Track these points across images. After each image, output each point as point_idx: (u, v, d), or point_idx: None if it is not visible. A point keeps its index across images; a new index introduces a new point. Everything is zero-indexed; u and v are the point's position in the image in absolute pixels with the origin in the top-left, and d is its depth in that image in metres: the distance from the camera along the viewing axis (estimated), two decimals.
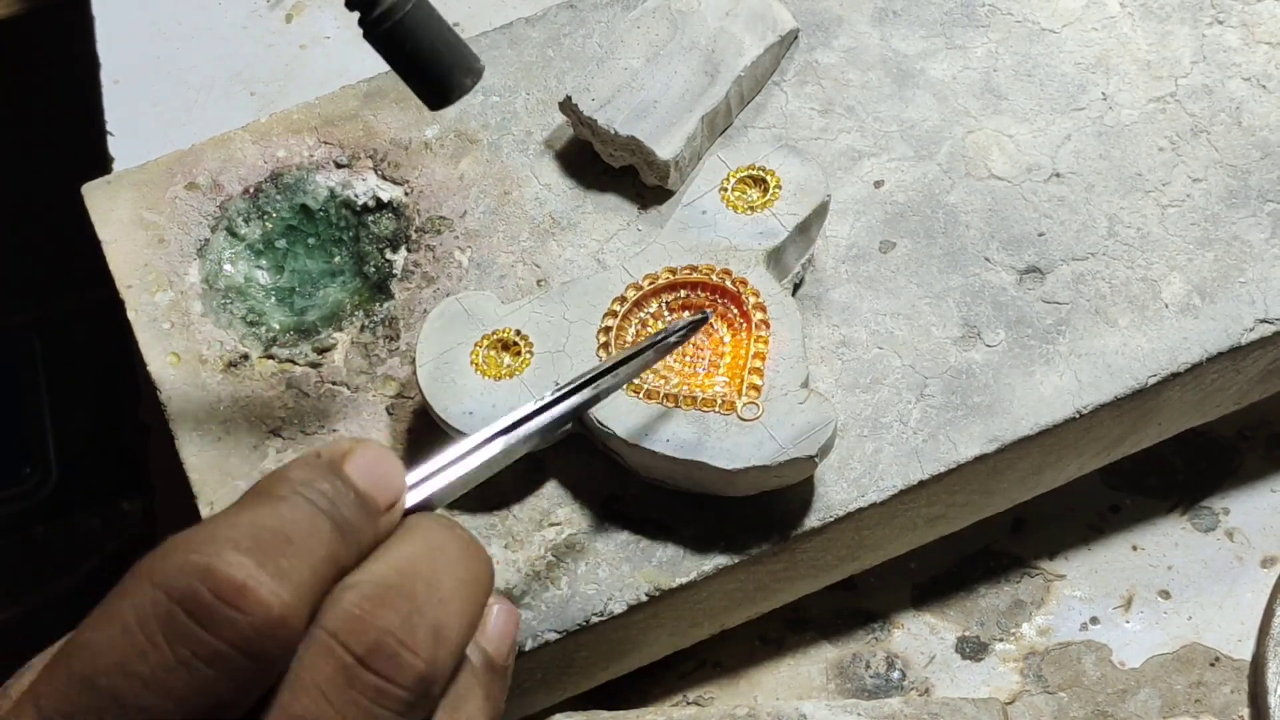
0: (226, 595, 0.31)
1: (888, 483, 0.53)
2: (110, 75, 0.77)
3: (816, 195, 0.56)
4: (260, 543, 0.32)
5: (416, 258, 0.60)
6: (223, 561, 0.31)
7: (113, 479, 1.04)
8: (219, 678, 0.31)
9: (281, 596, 0.31)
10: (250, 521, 0.32)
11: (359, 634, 0.32)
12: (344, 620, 0.32)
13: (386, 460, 0.36)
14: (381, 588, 0.33)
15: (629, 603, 0.52)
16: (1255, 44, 0.62)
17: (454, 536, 0.36)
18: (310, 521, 0.33)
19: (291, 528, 0.33)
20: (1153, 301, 0.56)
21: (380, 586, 0.33)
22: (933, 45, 0.63)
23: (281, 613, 0.31)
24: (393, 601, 0.33)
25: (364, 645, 0.32)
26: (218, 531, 0.32)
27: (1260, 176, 0.59)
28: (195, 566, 0.31)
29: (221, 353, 0.58)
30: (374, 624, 0.33)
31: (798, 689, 0.58)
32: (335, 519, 0.33)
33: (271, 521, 0.32)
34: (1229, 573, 0.60)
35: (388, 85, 0.64)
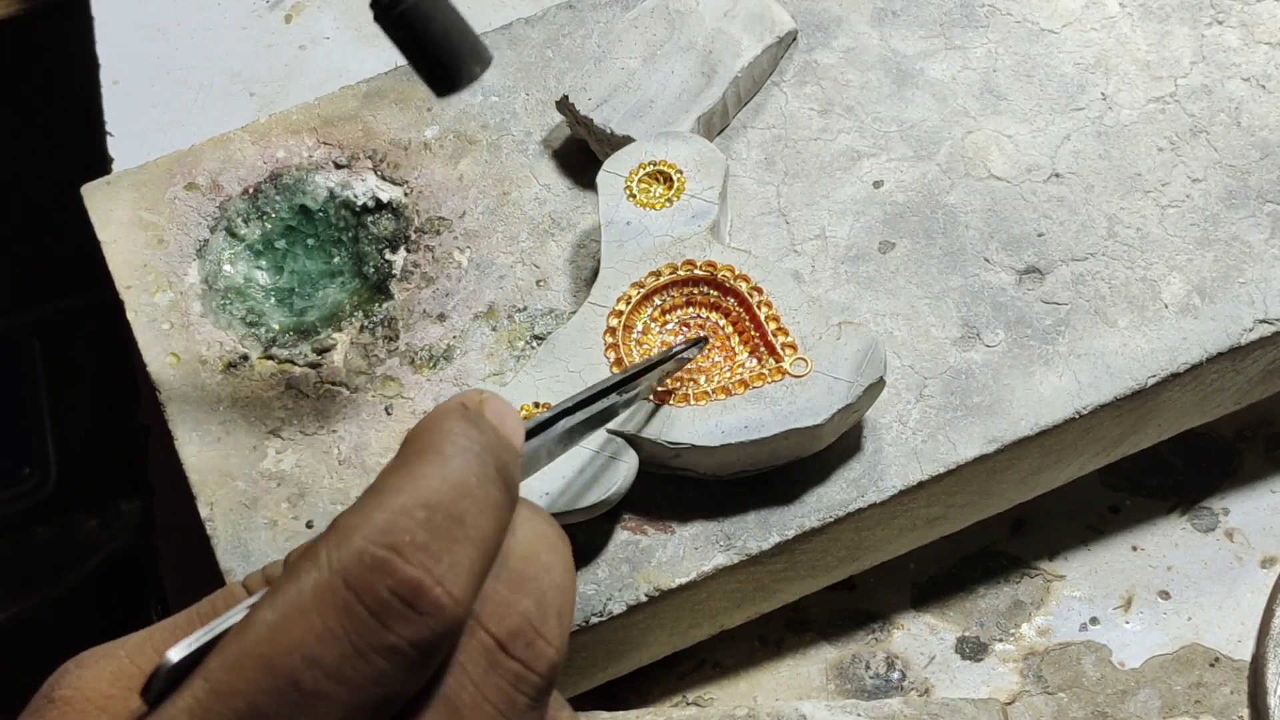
0: (405, 594, 0.31)
1: (887, 483, 0.53)
2: (110, 76, 0.77)
3: (719, 163, 0.57)
4: (435, 531, 0.32)
5: (416, 258, 0.60)
6: (402, 558, 0.31)
7: (112, 479, 1.04)
8: (392, 670, 0.31)
9: (454, 595, 0.31)
10: (424, 502, 0.32)
11: (500, 618, 0.33)
12: (485, 603, 0.33)
13: (514, 413, 0.36)
14: (513, 571, 0.34)
15: (628, 603, 0.52)
16: (1255, 44, 0.62)
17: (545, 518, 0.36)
18: (480, 489, 0.33)
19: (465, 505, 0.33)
20: (1152, 302, 0.56)
21: (512, 570, 0.34)
22: (932, 45, 0.63)
23: (454, 611, 0.31)
24: (526, 585, 0.33)
25: (505, 630, 0.33)
26: (394, 520, 0.32)
27: (1260, 177, 0.59)
28: (375, 559, 0.31)
29: (221, 353, 0.58)
30: (514, 608, 0.33)
31: (797, 689, 0.58)
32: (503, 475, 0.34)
33: (444, 498, 0.32)
34: (1229, 573, 0.60)
35: (387, 86, 0.64)
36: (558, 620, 0.34)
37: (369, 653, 0.31)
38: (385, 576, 0.31)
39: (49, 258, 1.07)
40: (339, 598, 0.31)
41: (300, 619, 0.31)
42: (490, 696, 0.32)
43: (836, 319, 0.54)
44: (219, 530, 0.54)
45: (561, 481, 0.50)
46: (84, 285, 0.84)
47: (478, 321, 0.58)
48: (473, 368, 0.57)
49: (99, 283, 0.62)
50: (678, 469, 0.53)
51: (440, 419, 0.34)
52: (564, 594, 0.34)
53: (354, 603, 0.31)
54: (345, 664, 0.31)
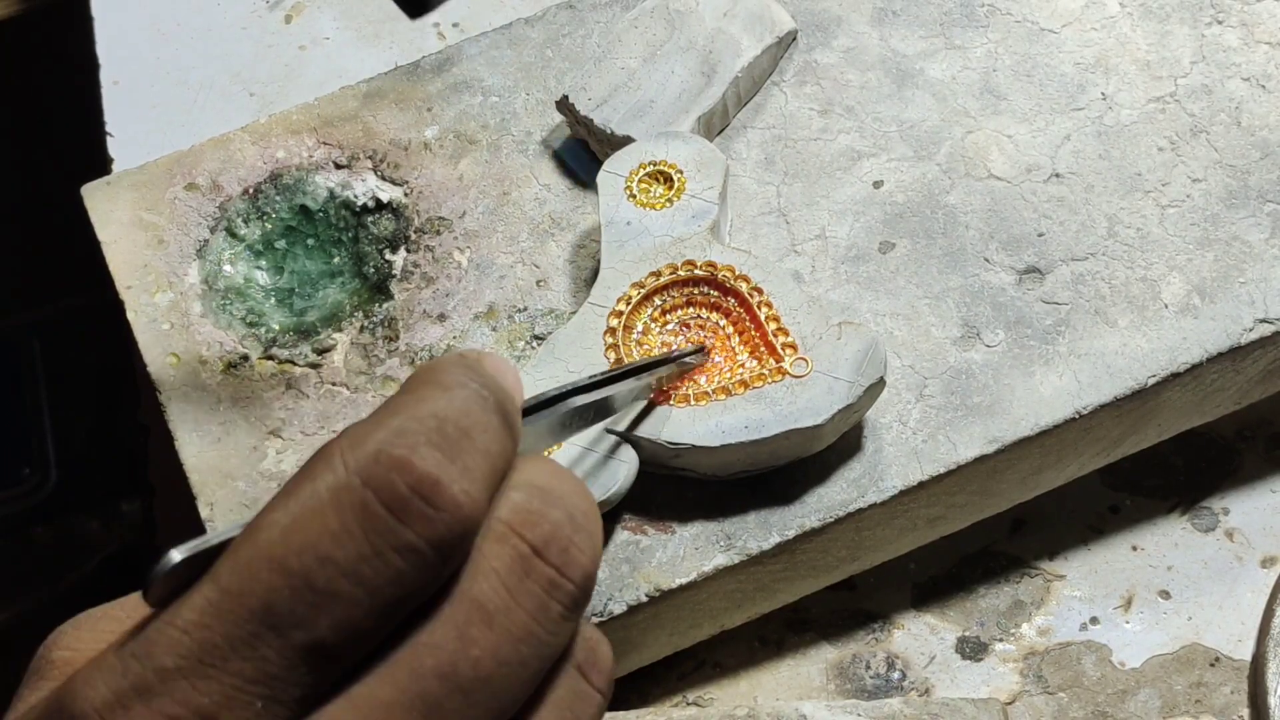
0: (424, 490, 0.31)
1: (887, 483, 0.53)
2: (110, 76, 0.77)
3: (719, 163, 0.56)
4: (447, 438, 0.32)
5: (416, 258, 0.60)
6: (418, 456, 0.31)
7: (112, 480, 1.04)
8: (409, 569, 0.31)
9: (471, 494, 0.31)
10: (432, 414, 0.32)
11: (534, 526, 0.33)
12: (517, 512, 0.33)
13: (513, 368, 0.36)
14: (540, 489, 0.33)
15: (629, 603, 0.52)
16: (1255, 44, 0.62)
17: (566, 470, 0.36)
18: (483, 415, 0.33)
19: (469, 421, 0.33)
20: (1152, 302, 0.56)
21: (539, 488, 0.33)
22: (932, 45, 0.63)
23: (471, 510, 0.31)
24: (555, 501, 0.33)
25: (539, 537, 0.33)
26: (406, 424, 0.32)
27: (1260, 177, 0.59)
28: (391, 458, 0.31)
29: (221, 353, 0.58)
30: (547, 517, 0.33)
31: (798, 689, 0.58)
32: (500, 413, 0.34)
33: (451, 414, 0.32)
34: (1229, 573, 0.60)
35: (387, 86, 0.64)
36: (590, 538, 0.34)
37: (386, 551, 0.30)
38: (404, 473, 0.31)
39: (49, 258, 1.07)
40: (356, 496, 0.31)
41: (315, 518, 0.30)
42: (524, 602, 0.32)
43: (837, 319, 0.54)
44: (219, 530, 0.54)
45: None
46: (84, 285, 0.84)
47: (478, 322, 0.58)
48: None
49: (99, 283, 0.62)
50: (678, 469, 0.53)
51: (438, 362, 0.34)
52: (592, 520, 0.34)
53: (372, 501, 0.30)
54: (362, 562, 0.30)
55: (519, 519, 0.33)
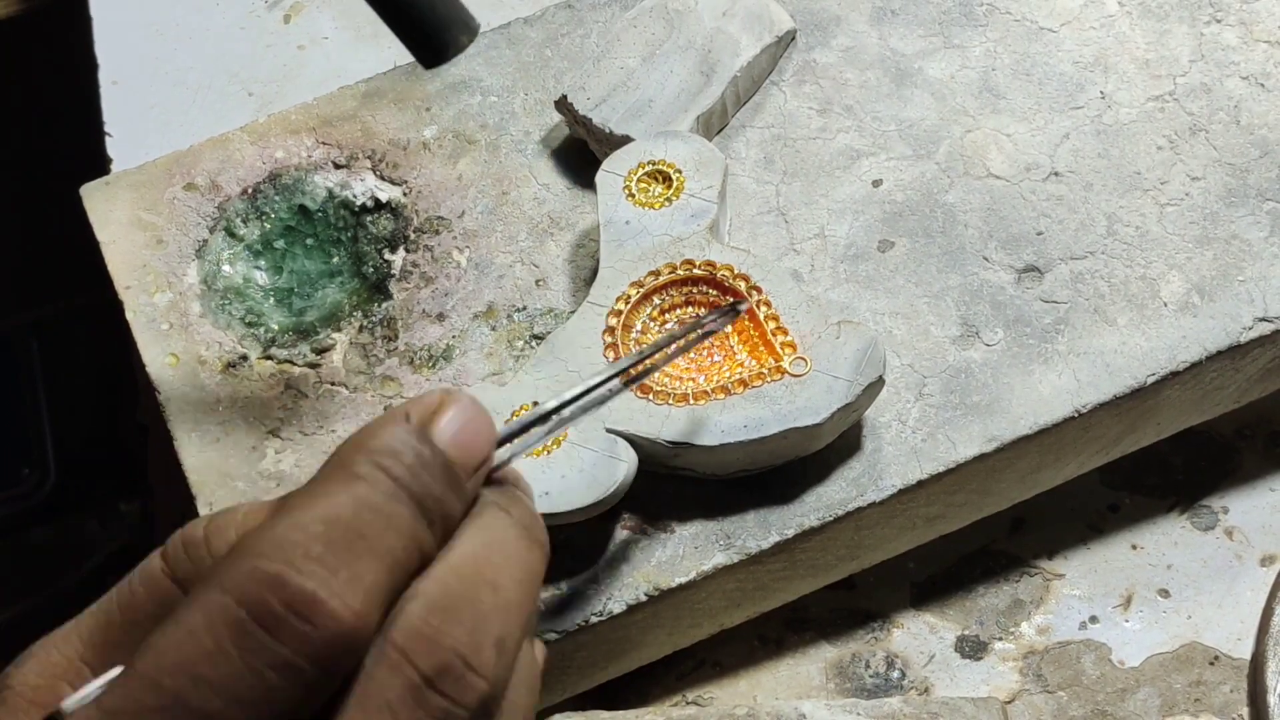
0: (298, 607, 0.30)
1: (887, 482, 0.53)
2: (108, 76, 0.77)
3: (718, 163, 0.57)
4: (332, 544, 0.31)
5: (415, 258, 0.60)
6: (294, 570, 0.30)
7: (111, 480, 1.04)
8: (287, 686, 0.30)
9: (353, 607, 0.31)
10: (323, 517, 0.32)
11: (427, 653, 0.32)
12: (411, 637, 0.32)
13: (477, 417, 0.35)
14: (446, 597, 0.33)
15: (628, 603, 0.52)
16: (1254, 42, 0.62)
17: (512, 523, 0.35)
18: (388, 508, 0.32)
19: (367, 520, 0.32)
20: (1152, 300, 0.56)
21: (444, 596, 0.33)
22: (931, 44, 0.63)
23: (353, 624, 0.31)
24: (458, 614, 0.32)
25: (433, 665, 0.32)
26: (289, 534, 0.31)
27: (1259, 175, 0.59)
28: (266, 575, 0.31)
29: (220, 353, 0.58)
30: (442, 643, 0.32)
31: (797, 689, 0.58)
32: (418, 498, 0.33)
33: (346, 512, 0.32)
34: (1228, 571, 0.60)
35: (386, 86, 0.64)
36: (496, 648, 0.33)
37: (261, 669, 0.30)
38: (277, 590, 0.30)
39: (48, 258, 1.07)
40: (230, 615, 0.30)
41: (189, 639, 0.30)
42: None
43: (836, 318, 0.54)
44: None
45: (560, 480, 0.50)
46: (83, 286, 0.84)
47: (477, 321, 0.58)
48: (472, 367, 0.57)
49: (98, 283, 0.62)
50: (677, 468, 0.53)
51: (367, 435, 0.34)
52: (508, 614, 0.33)
53: (245, 620, 0.30)
54: (237, 681, 0.30)
55: (414, 644, 0.32)
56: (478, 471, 0.35)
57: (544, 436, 0.40)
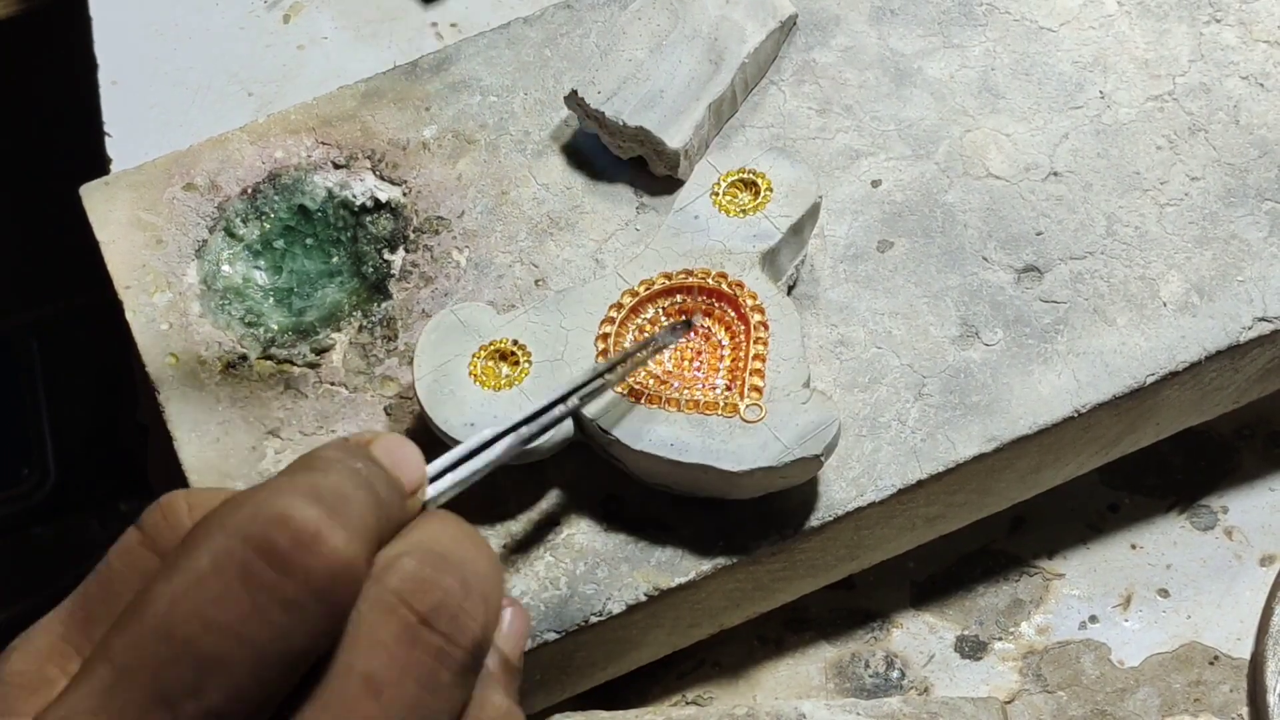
0: (303, 540, 0.31)
1: (886, 482, 0.53)
2: (108, 76, 0.77)
3: (808, 197, 0.56)
4: (323, 498, 0.32)
5: (414, 258, 0.60)
6: (296, 509, 0.31)
7: (111, 480, 1.04)
8: (294, 626, 0.31)
9: (353, 544, 0.32)
10: (308, 481, 0.33)
11: (422, 594, 0.33)
12: (406, 580, 0.33)
13: (408, 448, 0.37)
14: (434, 555, 0.34)
15: (628, 603, 0.52)
16: (1253, 42, 0.62)
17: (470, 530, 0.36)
18: (355, 487, 0.34)
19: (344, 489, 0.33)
20: (1151, 300, 0.56)
21: (432, 554, 0.34)
22: (930, 44, 0.63)
23: (352, 559, 0.32)
24: (448, 567, 0.34)
25: (427, 605, 0.33)
26: (281, 486, 0.32)
27: (1258, 175, 0.59)
28: (270, 515, 0.31)
29: (220, 353, 0.58)
30: (437, 584, 0.33)
31: (797, 688, 0.58)
32: (373, 492, 0.34)
33: (327, 483, 0.33)
34: (1228, 571, 0.60)
35: (385, 86, 0.64)
36: (483, 602, 0.34)
37: (270, 606, 0.31)
38: (282, 527, 0.31)
39: (47, 258, 1.07)
40: (236, 556, 0.31)
41: (198, 585, 0.31)
42: (412, 671, 0.32)
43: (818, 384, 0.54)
44: None
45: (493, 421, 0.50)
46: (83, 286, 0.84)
47: None
48: None
49: (98, 283, 0.62)
50: (612, 457, 0.53)
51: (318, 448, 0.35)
52: (488, 582, 0.34)
53: (252, 558, 0.31)
54: (247, 622, 0.30)
55: (408, 587, 0.33)
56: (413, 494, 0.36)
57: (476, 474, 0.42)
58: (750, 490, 0.51)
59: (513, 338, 0.54)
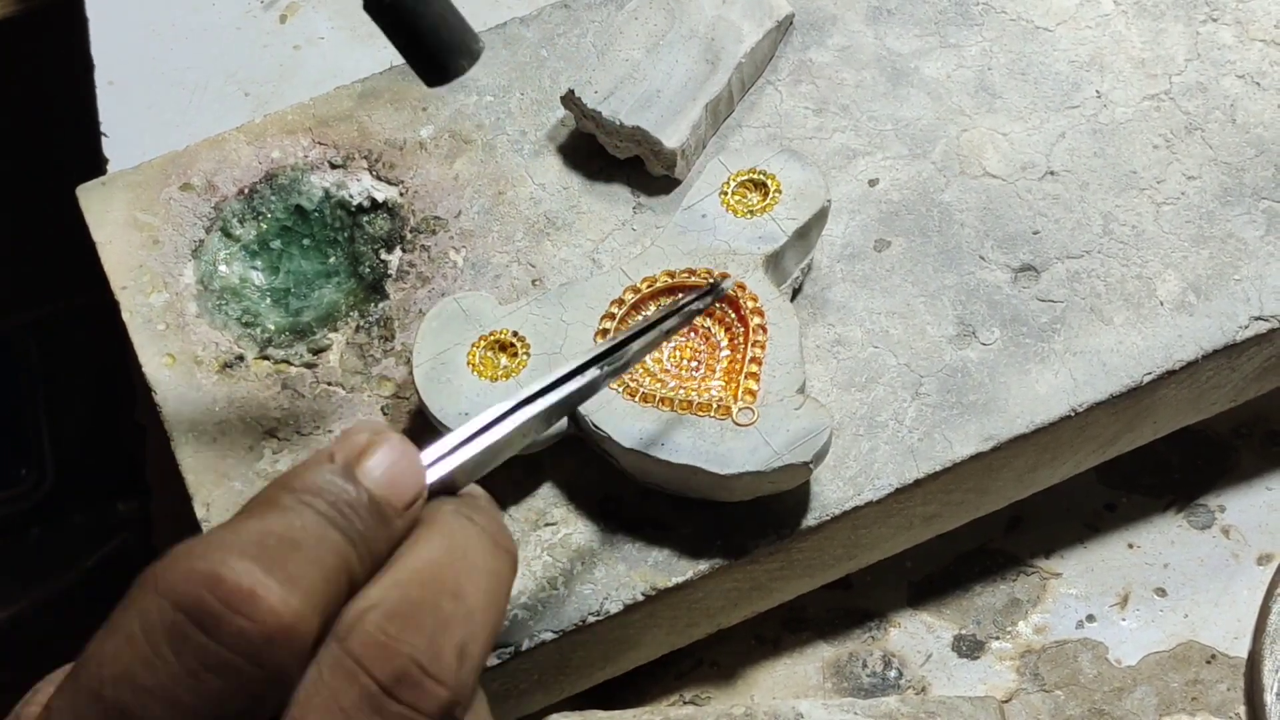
0: (234, 602, 0.30)
1: (883, 482, 0.53)
2: (104, 76, 0.77)
3: (816, 200, 0.56)
4: (266, 549, 0.31)
5: (411, 258, 0.60)
6: (228, 568, 0.30)
7: (108, 480, 1.04)
8: (228, 688, 0.30)
9: (290, 603, 0.30)
10: (256, 529, 0.31)
11: (384, 660, 0.31)
12: (367, 645, 0.31)
13: (405, 457, 0.34)
14: (404, 604, 0.32)
15: (625, 603, 0.52)
16: (1249, 41, 0.62)
17: (477, 531, 0.34)
18: (318, 529, 0.32)
19: (299, 534, 0.31)
20: (1148, 299, 0.56)
21: (403, 603, 0.32)
22: (927, 44, 0.63)
23: (291, 620, 0.30)
24: (417, 621, 0.32)
25: (389, 673, 0.31)
26: (223, 539, 0.31)
27: (1255, 174, 0.59)
28: (201, 573, 0.30)
29: (217, 354, 0.58)
30: (399, 650, 0.31)
31: (794, 688, 0.58)
32: (346, 531, 0.32)
33: (278, 528, 0.31)
34: (1225, 570, 0.60)
35: (382, 86, 0.64)
36: (458, 655, 0.32)
37: (200, 671, 0.29)
38: (213, 586, 0.30)
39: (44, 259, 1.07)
40: (166, 618, 0.30)
41: (126, 646, 0.30)
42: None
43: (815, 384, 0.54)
44: None
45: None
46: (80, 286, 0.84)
47: None
48: None
49: (95, 283, 0.62)
50: (605, 454, 0.53)
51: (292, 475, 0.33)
52: (472, 621, 0.33)
53: (183, 622, 0.30)
54: (175, 685, 0.29)
55: (369, 653, 0.31)
56: (408, 510, 0.34)
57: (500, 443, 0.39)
58: (739, 494, 0.51)
59: (513, 329, 0.54)
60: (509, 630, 0.51)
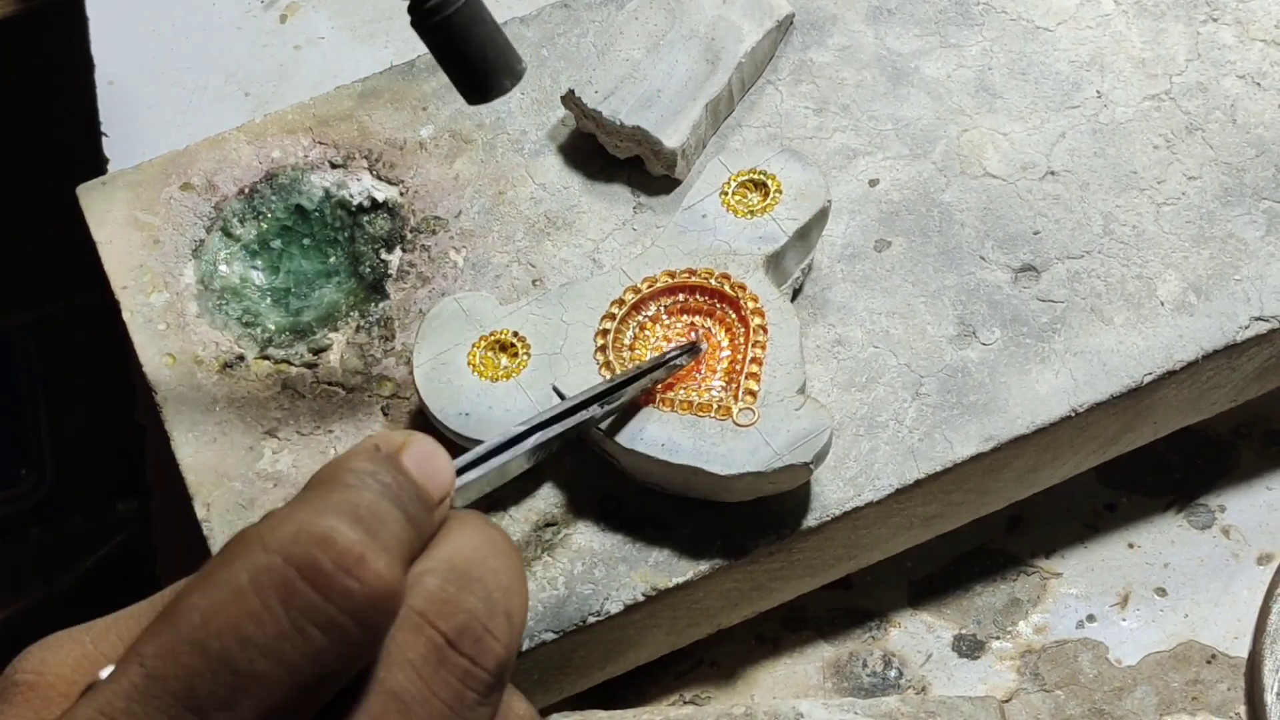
0: (346, 563, 0.31)
1: (884, 482, 0.53)
2: (105, 76, 0.77)
3: (816, 200, 0.56)
4: (362, 519, 0.32)
5: (411, 258, 0.60)
6: (340, 532, 0.31)
7: (109, 480, 1.04)
8: (332, 647, 0.31)
9: (394, 569, 0.32)
10: (345, 500, 0.33)
11: (447, 615, 0.33)
12: (431, 601, 0.33)
13: (439, 454, 0.36)
14: (458, 572, 0.34)
15: (626, 603, 0.52)
16: (1250, 41, 0.62)
17: (499, 530, 0.36)
18: (387, 506, 0.33)
19: (379, 508, 0.33)
20: (1148, 299, 0.56)
21: (456, 571, 0.34)
22: (927, 44, 0.63)
23: (393, 585, 0.32)
24: (471, 585, 0.34)
25: (453, 626, 0.33)
26: (323, 505, 0.32)
27: (1255, 174, 0.59)
28: (313, 534, 0.31)
29: (217, 353, 0.58)
30: (461, 605, 0.33)
31: (795, 688, 0.58)
32: (403, 509, 0.34)
33: (362, 501, 0.33)
34: (1225, 570, 0.60)
35: (382, 85, 0.64)
36: (506, 620, 0.34)
37: (308, 627, 0.30)
38: (326, 548, 0.31)
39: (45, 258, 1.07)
40: (278, 575, 0.31)
41: (235, 600, 0.31)
42: (439, 692, 0.32)
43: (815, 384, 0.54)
44: (216, 530, 0.54)
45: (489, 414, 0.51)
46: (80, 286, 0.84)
47: None
48: None
49: (95, 283, 0.62)
50: (605, 454, 0.53)
51: (344, 459, 0.34)
52: (512, 596, 0.34)
53: (294, 578, 0.31)
54: (282, 641, 0.30)
55: (434, 608, 0.33)
56: (441, 504, 0.36)
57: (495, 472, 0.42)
58: (739, 494, 0.51)
59: (514, 329, 0.54)
60: None
